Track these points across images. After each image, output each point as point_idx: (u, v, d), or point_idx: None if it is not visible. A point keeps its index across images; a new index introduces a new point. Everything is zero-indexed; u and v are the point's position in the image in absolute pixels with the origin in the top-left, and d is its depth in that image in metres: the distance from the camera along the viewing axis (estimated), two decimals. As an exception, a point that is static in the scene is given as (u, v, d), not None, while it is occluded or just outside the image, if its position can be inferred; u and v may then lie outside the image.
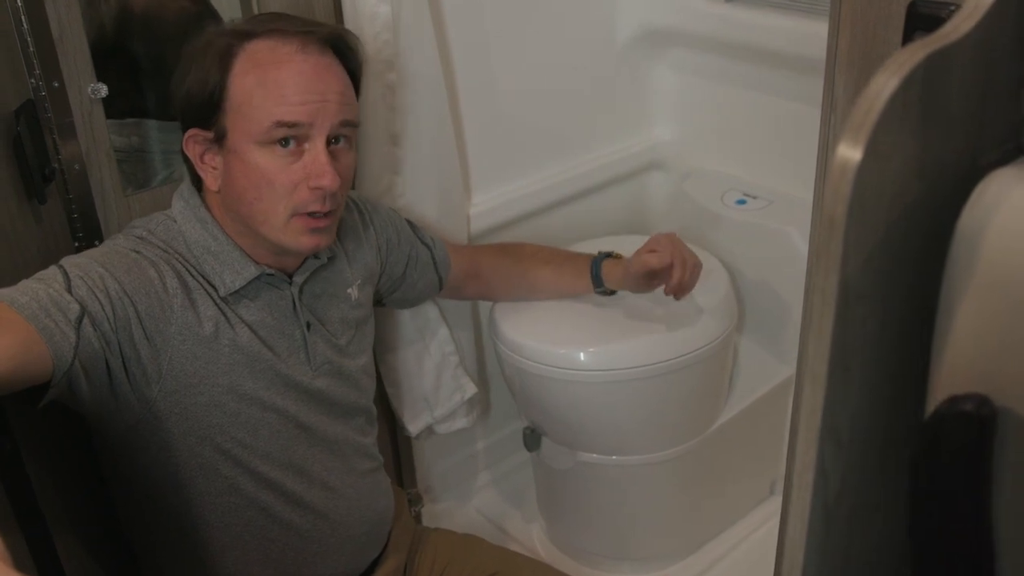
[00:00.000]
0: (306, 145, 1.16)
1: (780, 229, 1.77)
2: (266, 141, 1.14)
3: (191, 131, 1.17)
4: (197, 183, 1.23)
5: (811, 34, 1.56)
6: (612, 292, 1.59)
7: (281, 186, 1.15)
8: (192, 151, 1.19)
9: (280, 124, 1.13)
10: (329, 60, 1.18)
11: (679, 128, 2.06)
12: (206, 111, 1.16)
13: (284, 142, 1.14)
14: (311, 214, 1.17)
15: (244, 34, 1.16)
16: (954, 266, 0.58)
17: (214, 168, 1.18)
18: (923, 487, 0.59)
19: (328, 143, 1.17)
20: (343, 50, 1.21)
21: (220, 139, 1.16)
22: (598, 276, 1.57)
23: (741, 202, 1.86)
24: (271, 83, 1.13)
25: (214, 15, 1.44)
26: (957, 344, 0.58)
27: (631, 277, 1.51)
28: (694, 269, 1.49)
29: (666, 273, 1.47)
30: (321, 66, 1.16)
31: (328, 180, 1.15)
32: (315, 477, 1.29)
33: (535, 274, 1.62)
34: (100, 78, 1.26)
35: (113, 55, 1.34)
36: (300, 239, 1.18)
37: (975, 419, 0.56)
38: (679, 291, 1.48)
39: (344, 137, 1.20)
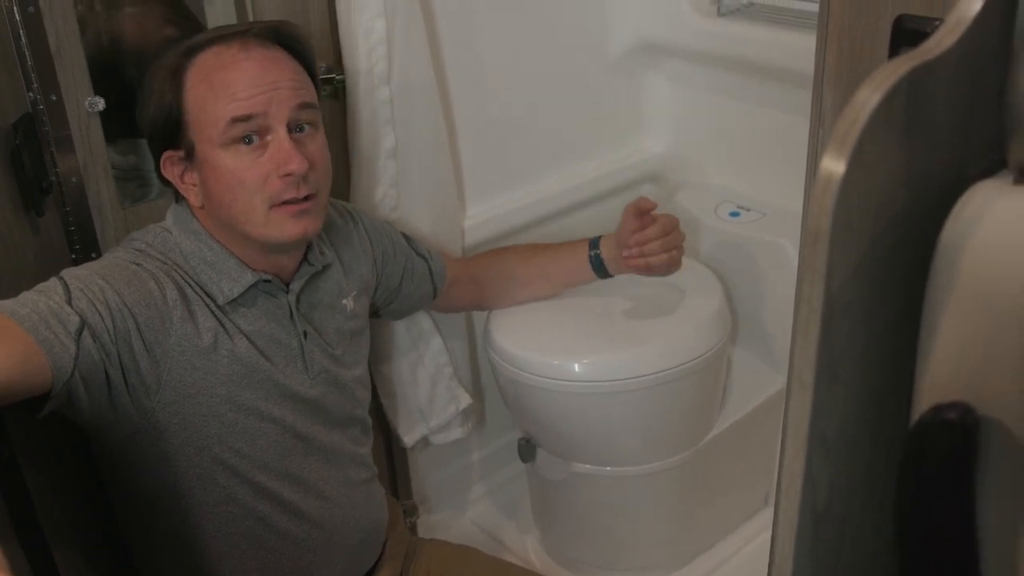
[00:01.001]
0: (268, 137, 1.16)
1: (773, 241, 1.78)
2: (227, 142, 1.15)
3: (165, 154, 1.19)
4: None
5: (803, 48, 1.56)
6: (608, 274, 1.59)
7: (252, 182, 1.16)
8: (171, 173, 1.20)
9: (235, 120, 1.14)
10: (275, 53, 1.19)
11: (673, 140, 2.07)
12: (171, 131, 1.18)
13: (247, 140, 1.15)
14: (289, 202, 1.17)
15: (189, 51, 1.18)
16: (937, 278, 0.58)
17: (194, 185, 1.20)
18: (909, 494, 0.60)
19: (291, 131, 1.18)
20: (287, 41, 1.22)
21: (190, 155, 1.18)
22: (596, 242, 1.57)
23: (735, 214, 1.87)
24: (219, 86, 1.15)
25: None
26: (941, 355, 0.58)
27: (621, 226, 1.51)
28: (677, 243, 1.50)
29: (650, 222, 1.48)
30: (267, 59, 1.17)
31: (295, 164, 1.15)
32: (311, 487, 1.29)
33: (529, 263, 1.63)
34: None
35: (109, 74, 1.34)
36: (285, 228, 1.18)
37: (959, 428, 0.56)
38: (653, 252, 1.47)
39: (308, 124, 1.20)
